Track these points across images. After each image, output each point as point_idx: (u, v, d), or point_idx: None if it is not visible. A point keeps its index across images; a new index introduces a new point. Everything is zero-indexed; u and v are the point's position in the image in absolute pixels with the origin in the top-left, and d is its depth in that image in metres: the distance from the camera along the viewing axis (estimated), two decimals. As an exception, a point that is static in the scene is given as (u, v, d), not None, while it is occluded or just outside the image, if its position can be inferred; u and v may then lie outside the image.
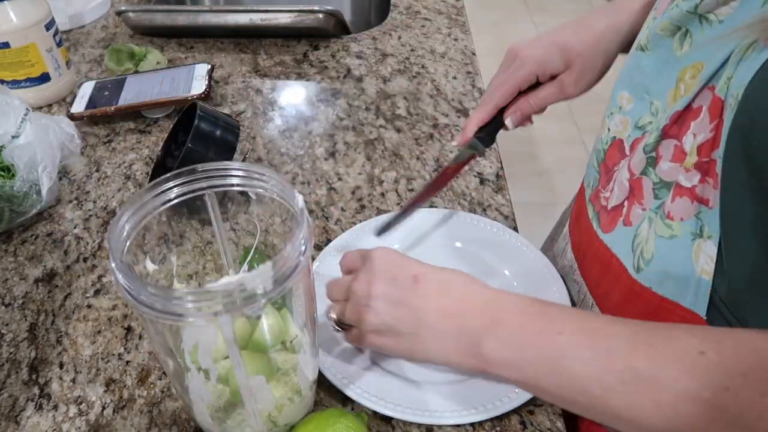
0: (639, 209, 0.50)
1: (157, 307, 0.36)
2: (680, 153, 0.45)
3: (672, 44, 0.47)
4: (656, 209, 0.48)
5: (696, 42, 0.45)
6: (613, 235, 0.53)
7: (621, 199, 0.52)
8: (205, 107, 0.70)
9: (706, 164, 0.42)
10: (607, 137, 0.55)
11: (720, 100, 0.41)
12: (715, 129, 0.41)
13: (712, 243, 0.43)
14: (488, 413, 0.50)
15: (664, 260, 0.47)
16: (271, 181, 0.43)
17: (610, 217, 0.54)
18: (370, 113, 0.88)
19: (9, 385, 0.55)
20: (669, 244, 0.46)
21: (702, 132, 0.43)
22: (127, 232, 0.41)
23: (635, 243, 0.50)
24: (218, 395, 0.46)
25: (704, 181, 0.43)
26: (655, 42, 0.48)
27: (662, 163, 0.47)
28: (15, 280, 0.65)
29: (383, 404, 0.50)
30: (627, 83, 0.53)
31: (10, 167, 0.68)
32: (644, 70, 0.50)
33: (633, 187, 0.50)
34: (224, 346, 0.40)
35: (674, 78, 0.46)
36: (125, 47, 0.96)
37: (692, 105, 0.44)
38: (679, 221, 0.45)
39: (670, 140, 0.46)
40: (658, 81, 0.48)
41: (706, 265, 0.44)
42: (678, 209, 0.45)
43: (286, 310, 0.47)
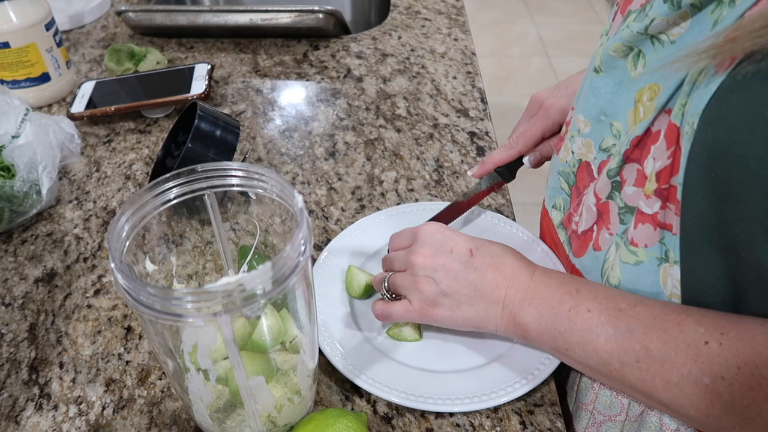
0: (607, 234, 0.51)
1: (156, 308, 0.36)
2: (642, 177, 0.46)
3: (626, 65, 0.47)
4: (622, 234, 0.49)
5: (649, 63, 0.45)
6: (584, 260, 0.55)
7: (590, 224, 0.53)
8: (205, 107, 0.70)
9: (666, 191, 0.43)
10: (573, 160, 0.55)
11: (675, 126, 0.41)
12: (673, 155, 0.42)
13: (677, 267, 0.45)
14: (491, 402, 0.50)
15: (632, 286, 0.48)
16: (270, 181, 0.43)
17: (581, 242, 0.55)
18: (370, 113, 0.88)
19: (9, 385, 0.55)
20: (635, 270, 0.48)
21: (660, 158, 0.43)
22: (127, 233, 0.41)
23: (604, 268, 0.52)
24: (218, 396, 0.46)
25: (665, 207, 0.44)
26: (609, 63, 0.48)
27: (626, 187, 0.48)
28: (15, 280, 0.65)
29: (388, 390, 0.51)
30: (582, 106, 0.53)
31: (10, 167, 0.68)
32: (599, 92, 0.50)
33: (601, 211, 0.51)
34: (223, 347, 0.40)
35: (632, 99, 0.47)
36: (125, 47, 0.96)
37: (651, 129, 0.45)
38: (644, 247, 0.46)
39: (632, 164, 0.47)
40: (615, 102, 0.49)
41: (675, 289, 0.45)
42: (641, 236, 0.46)
43: (285, 311, 0.47)
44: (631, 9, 0.48)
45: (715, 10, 0.38)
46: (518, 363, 0.53)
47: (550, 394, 0.53)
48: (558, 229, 0.60)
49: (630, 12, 0.48)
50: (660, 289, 0.47)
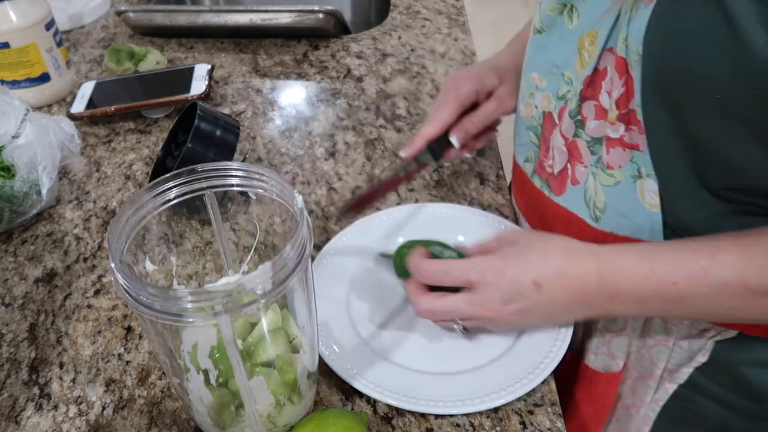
0: (581, 167, 0.55)
1: (156, 308, 0.36)
2: (601, 110, 0.51)
3: (563, 21, 0.53)
4: (596, 163, 0.53)
5: (582, 13, 0.51)
6: (566, 196, 0.58)
7: (563, 163, 0.57)
8: (205, 107, 0.70)
9: (626, 115, 0.48)
10: (538, 113, 0.60)
11: (622, 59, 0.47)
12: (626, 84, 0.47)
13: (652, 180, 0.49)
14: (492, 403, 0.50)
15: (616, 205, 0.53)
16: (270, 182, 0.43)
17: (559, 181, 0.59)
18: (370, 113, 0.88)
19: (9, 385, 0.55)
20: (615, 191, 0.52)
21: (615, 89, 0.48)
22: (127, 233, 0.41)
23: (587, 197, 0.56)
24: (218, 396, 0.46)
25: (629, 130, 0.49)
26: (548, 22, 0.55)
27: (588, 122, 0.53)
28: (15, 280, 0.65)
29: (387, 394, 0.51)
30: (534, 65, 0.59)
31: (10, 167, 0.68)
32: (546, 48, 0.56)
33: (570, 149, 0.56)
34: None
35: (574, 48, 0.52)
36: (125, 47, 0.96)
37: (598, 68, 0.50)
38: (618, 168, 0.51)
39: (589, 101, 0.52)
40: (561, 54, 0.54)
41: (652, 200, 0.50)
42: (614, 159, 0.51)
43: (286, 311, 0.47)
44: None
45: None
46: (518, 363, 0.53)
47: (550, 394, 0.53)
48: (532, 178, 0.63)
49: None
50: (640, 204, 0.51)
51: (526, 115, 0.62)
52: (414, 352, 0.56)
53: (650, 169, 0.49)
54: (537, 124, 0.61)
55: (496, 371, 0.53)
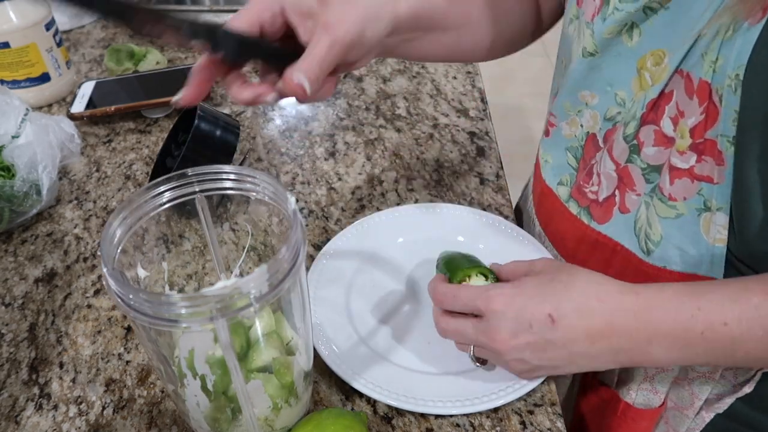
0: (633, 195, 0.52)
1: (150, 314, 0.36)
2: (661, 136, 0.48)
3: (621, 39, 0.49)
4: (650, 192, 0.51)
5: (645, 31, 0.47)
6: (612, 225, 0.55)
7: (611, 189, 0.54)
8: (205, 107, 0.70)
9: (702, 144, 0.45)
10: (581, 133, 0.57)
11: (706, 83, 0.43)
12: (706, 111, 0.44)
13: (722, 214, 0.46)
14: (491, 403, 0.50)
15: (675, 238, 0.50)
16: (262, 184, 0.43)
17: (603, 209, 0.55)
18: (370, 113, 0.88)
19: (9, 385, 0.55)
20: (675, 223, 0.49)
21: (692, 116, 0.45)
22: (119, 238, 0.41)
23: (637, 227, 0.53)
24: (214, 400, 0.45)
25: (701, 160, 0.46)
26: (605, 44, 0.50)
27: (646, 148, 0.49)
28: (15, 280, 0.65)
29: (387, 394, 0.51)
30: (584, 84, 0.54)
31: (10, 167, 0.69)
32: (601, 67, 0.52)
33: (621, 175, 0.53)
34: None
35: (633, 67, 0.49)
36: (125, 47, 0.96)
37: (664, 91, 0.47)
38: (683, 200, 0.48)
39: (649, 126, 0.49)
40: (617, 73, 0.51)
41: (719, 234, 0.47)
42: (679, 190, 0.48)
43: (280, 313, 0.47)
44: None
45: None
46: None
47: (550, 394, 0.53)
48: (568, 204, 0.60)
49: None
50: (702, 238, 0.48)
51: (568, 134, 0.58)
52: (413, 352, 0.56)
53: (722, 203, 0.45)
54: (578, 145, 0.57)
55: (496, 371, 0.53)
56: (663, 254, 0.51)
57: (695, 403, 0.56)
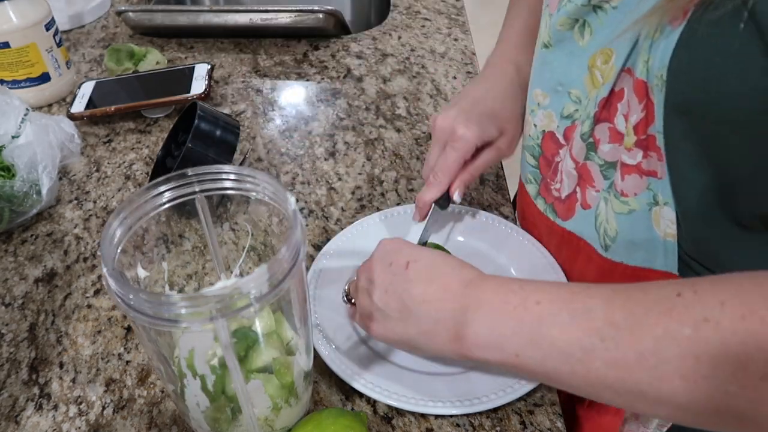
0: (593, 192, 0.53)
1: (150, 314, 0.36)
2: (616, 134, 0.49)
3: (573, 36, 0.50)
4: (608, 188, 0.52)
5: (595, 30, 0.48)
6: (575, 221, 0.57)
7: (572, 187, 0.55)
8: (205, 107, 0.70)
9: (645, 141, 0.46)
10: (536, 132, 0.58)
11: (642, 82, 0.44)
12: (646, 108, 0.45)
13: (669, 208, 0.47)
14: (491, 403, 0.50)
15: (629, 233, 0.51)
16: (262, 184, 0.43)
17: (566, 206, 0.57)
18: (370, 113, 0.88)
19: (9, 385, 0.55)
20: (629, 219, 0.50)
21: (634, 113, 0.46)
22: (119, 238, 0.41)
23: (597, 223, 0.54)
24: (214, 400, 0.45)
25: (647, 156, 0.47)
26: (557, 38, 0.52)
27: (602, 145, 0.50)
28: (15, 280, 0.65)
29: (387, 394, 0.51)
30: (538, 81, 0.56)
31: (10, 167, 0.69)
32: (552, 65, 0.53)
33: (581, 173, 0.54)
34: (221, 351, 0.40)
35: (585, 66, 0.50)
36: (125, 47, 0.96)
37: (614, 89, 0.48)
38: (633, 196, 0.49)
39: (603, 124, 0.50)
40: (569, 72, 0.52)
41: (669, 228, 0.48)
42: (630, 186, 0.49)
43: (280, 313, 0.47)
44: None
45: None
46: None
47: (550, 394, 0.53)
48: (536, 201, 0.62)
49: None
50: (654, 232, 0.49)
51: (524, 133, 0.61)
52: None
53: (668, 197, 0.46)
54: (534, 144, 0.59)
55: (496, 373, 0.53)
56: (619, 249, 0.52)
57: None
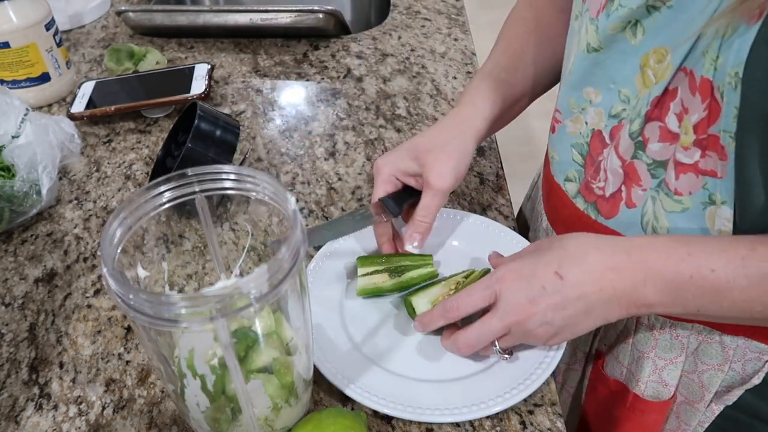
0: (639, 190, 0.53)
1: (150, 314, 0.36)
2: (666, 133, 0.49)
3: (625, 36, 0.50)
4: (657, 187, 0.52)
5: (648, 29, 0.48)
6: (619, 219, 0.56)
7: (618, 185, 0.55)
8: (205, 107, 0.70)
9: (705, 140, 0.46)
10: (587, 130, 0.58)
11: (708, 81, 0.44)
12: (709, 107, 0.45)
13: (727, 207, 0.48)
14: (488, 410, 0.50)
15: (680, 231, 0.51)
16: (262, 184, 0.43)
17: (610, 204, 0.57)
18: (370, 113, 0.88)
19: (9, 385, 0.55)
20: (681, 217, 0.51)
21: (695, 112, 0.46)
22: (119, 238, 0.41)
23: (644, 221, 0.54)
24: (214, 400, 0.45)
25: (705, 155, 0.47)
26: (608, 40, 0.51)
27: (651, 144, 0.50)
28: (15, 280, 0.65)
29: (383, 403, 0.50)
30: (588, 80, 0.55)
31: (10, 167, 0.69)
32: (604, 64, 0.53)
33: (627, 171, 0.54)
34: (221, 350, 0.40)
35: (636, 65, 0.50)
36: (125, 47, 0.96)
37: (669, 88, 0.48)
38: (688, 195, 0.49)
39: (654, 123, 0.50)
40: (621, 70, 0.52)
41: (724, 227, 0.49)
42: (684, 185, 0.49)
43: (280, 313, 0.47)
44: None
45: None
46: (514, 369, 0.53)
47: (550, 394, 0.53)
48: (575, 200, 0.61)
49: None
50: (707, 230, 0.50)
51: (573, 131, 0.59)
52: (406, 358, 0.55)
53: (726, 197, 0.47)
54: (584, 142, 0.58)
55: (496, 376, 0.53)
56: None
57: (705, 396, 0.57)
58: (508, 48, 0.68)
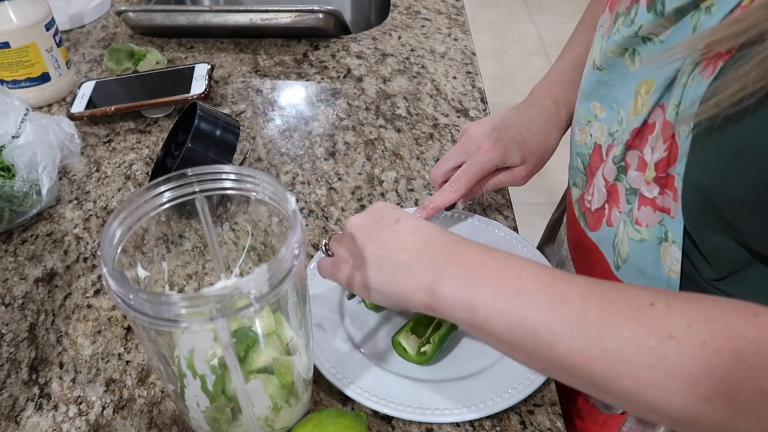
0: (617, 212, 0.54)
1: (150, 314, 0.36)
2: (642, 163, 0.49)
3: (624, 62, 0.51)
4: (628, 213, 0.52)
5: (645, 59, 0.48)
6: (599, 234, 0.58)
7: (601, 202, 0.56)
8: (205, 107, 0.70)
9: (664, 179, 0.46)
10: (591, 142, 0.58)
11: (669, 123, 0.44)
12: (669, 149, 0.45)
13: (676, 247, 0.47)
14: (488, 410, 0.50)
15: (637, 260, 0.52)
16: (262, 184, 0.43)
17: (595, 218, 0.58)
18: (370, 113, 0.88)
19: (9, 385, 0.55)
20: (640, 247, 0.51)
21: (657, 150, 0.46)
22: (119, 238, 0.41)
23: (615, 242, 0.55)
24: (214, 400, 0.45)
25: (664, 193, 0.47)
26: (609, 63, 0.52)
27: (630, 171, 0.51)
28: (15, 280, 0.65)
29: (384, 403, 0.50)
30: (595, 95, 0.56)
31: (10, 167, 0.69)
32: (608, 83, 0.54)
33: (610, 192, 0.55)
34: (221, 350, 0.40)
35: (633, 90, 0.50)
36: (125, 47, 0.96)
37: (647, 121, 0.48)
38: (646, 227, 0.50)
39: (633, 151, 0.50)
40: (620, 92, 0.52)
41: (673, 266, 0.49)
42: (644, 216, 0.50)
43: (280, 313, 0.47)
44: (618, 11, 0.51)
45: (694, 15, 0.42)
46: (514, 369, 0.53)
47: (550, 394, 0.53)
48: (574, 204, 0.63)
49: (618, 14, 0.51)
50: (661, 266, 0.50)
51: (579, 140, 0.61)
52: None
53: (676, 237, 0.47)
54: (587, 152, 0.59)
55: (494, 379, 0.53)
56: (628, 273, 0.54)
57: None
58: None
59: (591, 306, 0.39)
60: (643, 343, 0.36)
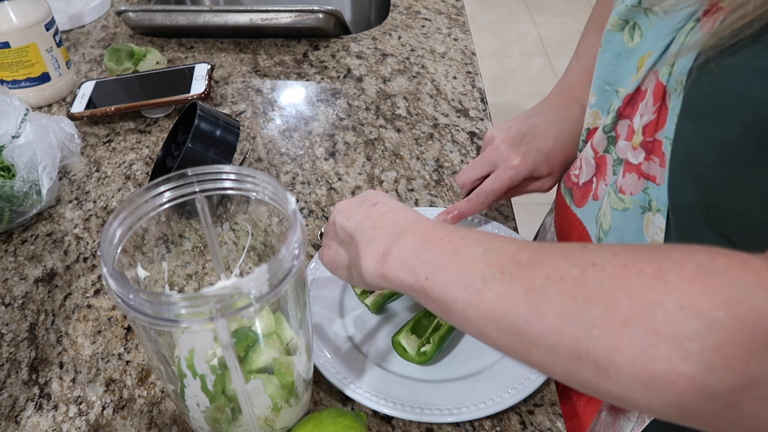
0: (603, 185, 0.54)
1: (150, 314, 0.36)
2: (631, 132, 0.49)
3: (622, 38, 0.51)
4: (613, 184, 0.52)
5: (645, 32, 0.49)
6: (585, 210, 0.58)
7: (590, 176, 0.56)
8: (205, 107, 0.70)
9: (651, 144, 0.46)
10: (583, 130, 0.59)
11: (662, 85, 0.44)
12: (658, 111, 0.45)
13: (660, 216, 0.47)
14: (488, 410, 0.50)
15: (619, 231, 0.51)
16: (262, 184, 0.43)
17: (582, 193, 0.58)
18: (370, 113, 0.88)
19: (9, 385, 0.55)
20: (622, 216, 0.51)
21: (647, 113, 0.46)
22: (119, 238, 0.41)
23: (598, 215, 0.55)
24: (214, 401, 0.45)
25: (649, 159, 0.47)
26: (608, 38, 0.52)
27: (620, 141, 0.51)
28: (15, 280, 0.65)
29: (384, 403, 0.50)
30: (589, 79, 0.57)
31: (10, 167, 0.69)
32: (600, 65, 0.54)
33: (599, 164, 0.55)
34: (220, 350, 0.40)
35: (634, 67, 0.50)
36: (125, 47, 0.96)
37: (641, 88, 0.48)
38: (629, 195, 0.50)
39: (624, 120, 0.50)
40: (616, 72, 0.52)
41: (656, 236, 0.48)
42: (628, 184, 0.50)
43: (280, 313, 0.47)
44: None
45: None
46: (514, 369, 0.53)
47: (550, 394, 0.53)
48: (561, 182, 0.64)
49: None
50: (643, 237, 0.49)
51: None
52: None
53: (662, 205, 0.46)
54: (581, 140, 0.61)
55: (494, 379, 0.53)
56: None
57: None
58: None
59: (523, 252, 0.38)
60: (565, 275, 0.35)
